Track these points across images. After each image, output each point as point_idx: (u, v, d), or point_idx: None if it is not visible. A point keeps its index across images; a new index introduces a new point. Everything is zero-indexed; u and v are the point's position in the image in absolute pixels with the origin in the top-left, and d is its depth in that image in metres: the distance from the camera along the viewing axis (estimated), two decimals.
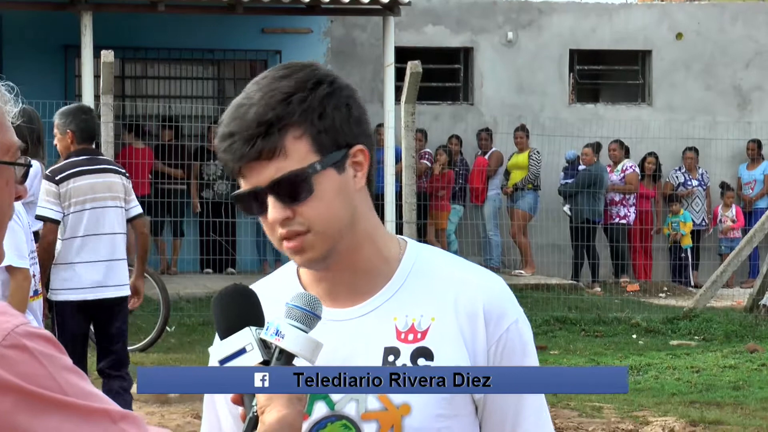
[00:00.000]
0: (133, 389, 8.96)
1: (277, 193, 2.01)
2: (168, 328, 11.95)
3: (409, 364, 2.06)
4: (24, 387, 1.59)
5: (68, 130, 7.56)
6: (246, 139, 2.00)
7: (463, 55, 17.73)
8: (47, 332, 1.67)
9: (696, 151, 17.52)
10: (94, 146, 7.87)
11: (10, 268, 5.64)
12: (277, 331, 1.93)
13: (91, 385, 1.67)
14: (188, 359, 10.56)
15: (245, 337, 1.94)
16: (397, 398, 2.05)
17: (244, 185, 2.05)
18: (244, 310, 1.97)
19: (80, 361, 7.65)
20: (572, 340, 12.60)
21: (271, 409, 1.88)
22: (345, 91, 2.06)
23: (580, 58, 18.06)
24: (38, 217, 7.37)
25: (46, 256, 7.37)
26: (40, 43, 16.07)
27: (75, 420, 1.61)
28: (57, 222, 7.46)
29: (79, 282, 7.53)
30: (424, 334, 2.08)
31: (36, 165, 7.42)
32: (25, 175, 1.87)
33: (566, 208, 16.53)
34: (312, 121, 2.01)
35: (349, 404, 2.07)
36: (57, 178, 7.47)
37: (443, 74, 17.55)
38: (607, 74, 18.83)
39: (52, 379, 1.61)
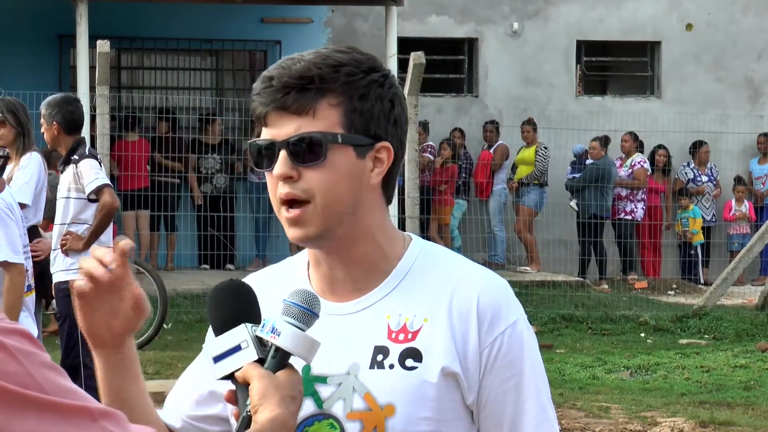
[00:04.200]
0: None
1: (291, 150, 2.00)
2: (165, 325, 11.95)
3: (396, 364, 2.04)
4: (0, 385, 1.53)
5: (54, 122, 7.64)
6: (282, 87, 2.01)
7: (468, 46, 17.74)
8: (24, 328, 1.62)
9: (706, 145, 17.39)
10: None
11: (4, 264, 5.62)
12: (273, 328, 1.90)
13: (71, 382, 1.61)
14: (185, 357, 10.59)
15: (241, 333, 1.92)
16: (382, 398, 2.04)
17: (264, 135, 2.04)
18: (239, 306, 1.95)
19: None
20: (579, 338, 12.61)
21: (264, 408, 1.86)
22: (394, 90, 2.08)
23: (587, 49, 18.05)
24: (100, 187, 7.61)
25: (109, 221, 7.73)
26: (35, 33, 16.07)
27: (53, 418, 1.56)
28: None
29: None
30: (414, 334, 2.06)
31: (37, 156, 7.68)
32: (2, 168, 1.76)
33: (573, 203, 16.44)
34: (351, 98, 2.02)
35: (336, 403, 2.06)
36: (98, 157, 7.87)
37: (447, 65, 17.58)
38: (615, 66, 18.86)
39: (29, 377, 1.56)
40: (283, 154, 2.01)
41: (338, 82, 2.01)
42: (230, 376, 1.92)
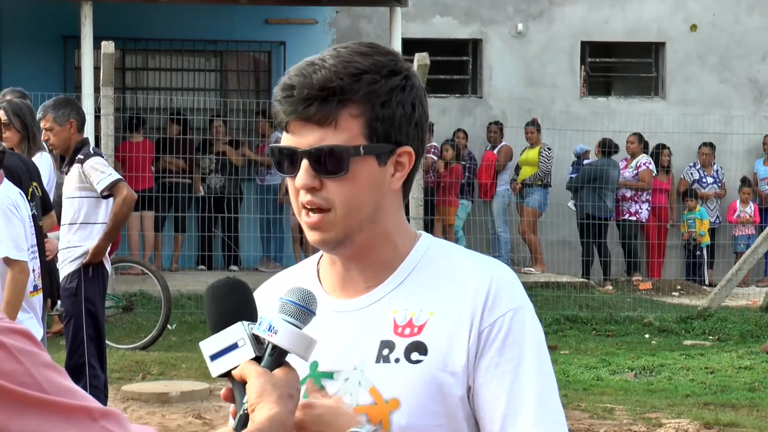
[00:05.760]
0: (138, 387, 8.80)
1: (313, 161, 2.01)
2: (169, 326, 11.96)
3: (402, 358, 2.05)
4: (0, 385, 1.54)
5: (71, 120, 7.63)
6: (304, 98, 2.00)
7: (472, 47, 17.73)
8: (24, 327, 1.63)
9: (712, 146, 17.36)
10: None
11: (6, 260, 5.66)
12: (270, 326, 1.90)
13: (71, 382, 1.62)
14: (189, 357, 10.60)
15: (237, 331, 1.92)
16: (387, 393, 2.04)
17: (287, 141, 2.05)
18: (236, 304, 1.95)
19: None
20: (583, 339, 12.61)
21: (262, 406, 1.87)
22: (415, 91, 2.07)
23: (591, 50, 18.03)
24: (115, 183, 7.59)
25: (129, 213, 7.77)
26: (39, 34, 16.03)
27: (54, 418, 1.57)
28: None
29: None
30: (420, 328, 2.06)
31: (48, 156, 7.79)
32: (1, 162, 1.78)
33: (571, 203, 16.42)
34: (373, 106, 2.02)
35: (344, 398, 2.06)
36: (103, 155, 7.94)
37: (451, 66, 17.58)
38: (620, 67, 18.85)
39: (29, 376, 1.57)
40: (305, 164, 2.01)
41: (359, 92, 2.01)
42: (227, 374, 1.92)
